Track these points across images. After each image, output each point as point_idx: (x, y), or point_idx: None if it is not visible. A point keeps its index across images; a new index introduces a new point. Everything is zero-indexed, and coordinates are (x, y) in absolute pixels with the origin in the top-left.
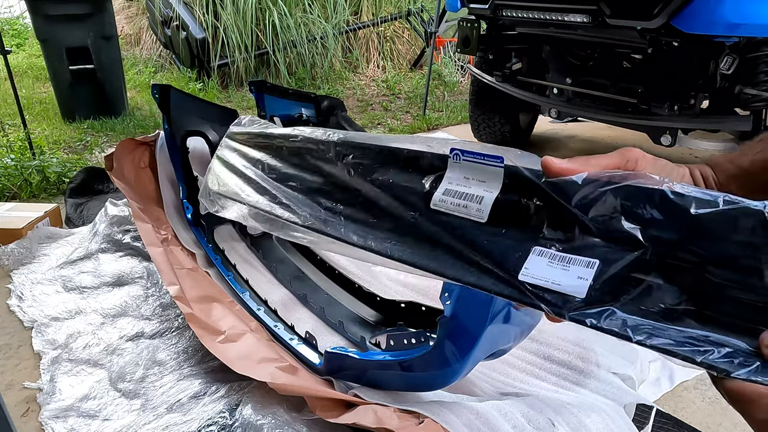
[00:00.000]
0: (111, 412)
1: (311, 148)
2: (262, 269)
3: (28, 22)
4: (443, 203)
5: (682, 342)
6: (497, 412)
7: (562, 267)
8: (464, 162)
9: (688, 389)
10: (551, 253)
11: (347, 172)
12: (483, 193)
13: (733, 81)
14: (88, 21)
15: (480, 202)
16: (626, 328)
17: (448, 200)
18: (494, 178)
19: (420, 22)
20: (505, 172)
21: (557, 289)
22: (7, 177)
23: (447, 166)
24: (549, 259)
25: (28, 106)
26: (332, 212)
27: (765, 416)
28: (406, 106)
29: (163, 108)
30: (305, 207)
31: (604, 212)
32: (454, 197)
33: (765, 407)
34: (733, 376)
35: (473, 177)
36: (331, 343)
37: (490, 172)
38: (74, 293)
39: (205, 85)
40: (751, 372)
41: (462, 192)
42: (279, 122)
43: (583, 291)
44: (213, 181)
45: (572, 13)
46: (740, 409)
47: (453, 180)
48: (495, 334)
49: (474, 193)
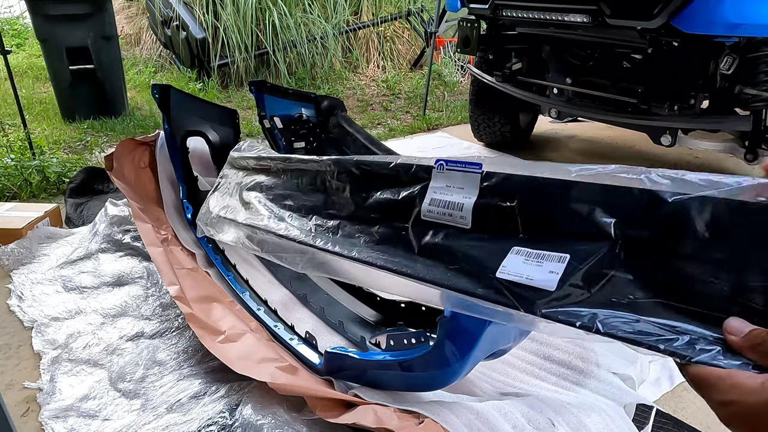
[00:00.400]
0: (111, 412)
1: (305, 169)
2: (262, 269)
3: (28, 22)
4: (431, 213)
5: (647, 332)
6: (497, 412)
7: (536, 263)
8: (447, 171)
9: (688, 389)
10: (527, 251)
11: (340, 191)
12: (462, 200)
13: (733, 81)
14: (88, 21)
15: (461, 209)
16: (594, 322)
17: (434, 210)
18: (472, 185)
19: (420, 22)
20: (482, 178)
21: (530, 284)
22: (7, 177)
23: (431, 177)
24: (525, 257)
25: (28, 106)
26: (325, 229)
27: (723, 398)
28: (406, 106)
29: (163, 108)
30: (300, 225)
31: (578, 209)
32: (439, 206)
33: (723, 389)
34: (695, 361)
35: (454, 185)
36: (331, 343)
37: (468, 179)
38: (74, 293)
39: (205, 85)
40: (711, 356)
41: (445, 201)
42: (279, 122)
43: (553, 284)
44: (214, 204)
45: (572, 13)
46: (702, 392)
47: (437, 189)
48: (495, 334)
49: (455, 200)
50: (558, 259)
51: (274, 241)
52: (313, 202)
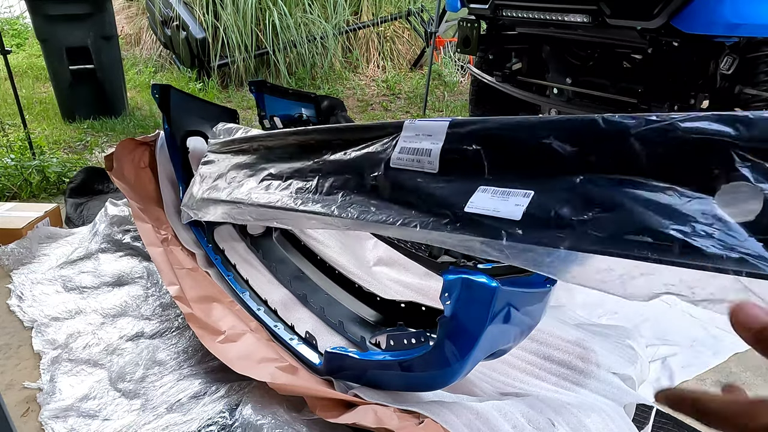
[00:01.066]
0: (111, 412)
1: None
2: (262, 269)
3: (28, 22)
4: (400, 161)
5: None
6: (497, 412)
7: (502, 198)
8: (417, 123)
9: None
10: (493, 189)
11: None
12: (430, 145)
13: (733, 81)
14: (88, 21)
15: (429, 154)
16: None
17: (404, 157)
18: (439, 131)
19: (420, 22)
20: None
21: (497, 215)
22: (7, 177)
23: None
24: (491, 194)
25: (28, 106)
26: (304, 191)
27: None
28: (406, 106)
29: (163, 108)
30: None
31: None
32: (408, 153)
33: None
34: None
35: (423, 133)
36: (331, 343)
37: (436, 127)
38: (74, 293)
39: (205, 85)
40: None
41: (414, 148)
42: (279, 122)
43: (518, 215)
44: (197, 189)
45: (572, 13)
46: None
47: (407, 139)
48: (495, 334)
49: (423, 147)
50: (523, 194)
51: (259, 211)
52: (291, 170)
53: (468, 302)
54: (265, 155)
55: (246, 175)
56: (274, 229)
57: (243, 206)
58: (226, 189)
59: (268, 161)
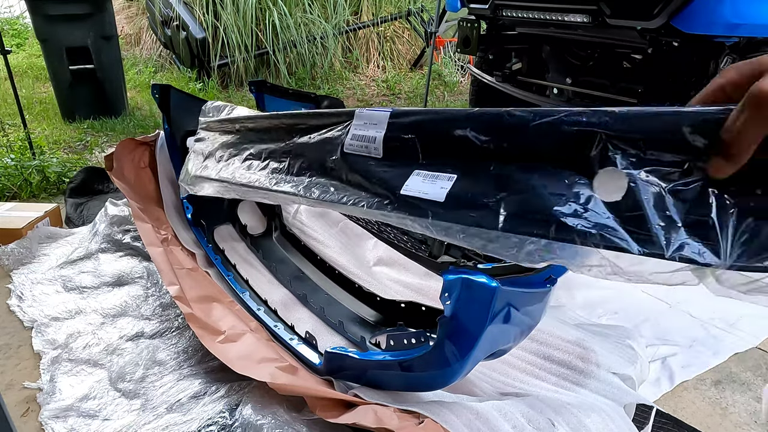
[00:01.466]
0: (111, 412)
1: (259, 125)
2: (262, 269)
3: (28, 22)
4: (351, 146)
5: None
6: (497, 412)
7: (431, 182)
8: (365, 112)
9: (688, 389)
10: (425, 173)
11: (285, 137)
12: (375, 133)
13: None
14: (88, 21)
15: (374, 141)
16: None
17: (354, 143)
18: (382, 120)
19: (420, 22)
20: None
21: (425, 197)
22: (7, 177)
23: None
24: (423, 178)
25: (28, 106)
26: (279, 171)
27: None
28: (405, 106)
29: (163, 108)
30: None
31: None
32: (358, 140)
33: None
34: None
35: (369, 122)
36: (331, 343)
37: (379, 117)
38: (74, 293)
39: (205, 85)
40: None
41: (363, 135)
42: None
43: (442, 196)
44: (191, 166)
45: (572, 13)
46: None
47: (357, 126)
48: (495, 334)
49: (370, 134)
50: (447, 178)
51: (242, 190)
52: (267, 151)
53: (468, 302)
54: (247, 136)
55: (231, 155)
56: (274, 228)
57: (229, 185)
58: (215, 167)
59: (250, 142)
